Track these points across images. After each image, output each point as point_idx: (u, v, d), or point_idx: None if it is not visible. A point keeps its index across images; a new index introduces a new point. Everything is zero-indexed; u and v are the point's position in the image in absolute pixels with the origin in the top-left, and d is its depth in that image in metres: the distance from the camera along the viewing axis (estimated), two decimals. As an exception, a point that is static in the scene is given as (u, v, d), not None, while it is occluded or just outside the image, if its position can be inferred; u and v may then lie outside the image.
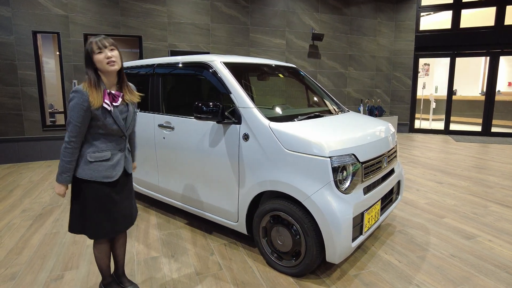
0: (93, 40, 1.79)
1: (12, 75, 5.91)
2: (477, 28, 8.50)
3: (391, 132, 2.90)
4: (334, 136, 2.27)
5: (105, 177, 1.86)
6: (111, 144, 1.89)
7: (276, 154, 2.29)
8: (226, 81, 2.61)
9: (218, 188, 2.72)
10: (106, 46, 1.78)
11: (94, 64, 1.79)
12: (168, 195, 3.25)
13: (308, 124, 2.45)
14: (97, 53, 1.77)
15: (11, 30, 5.79)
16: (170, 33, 6.89)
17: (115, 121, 1.85)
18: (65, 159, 1.78)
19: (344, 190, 2.18)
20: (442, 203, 3.87)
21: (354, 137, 2.37)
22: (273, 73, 3.33)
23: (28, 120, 6.11)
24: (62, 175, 1.80)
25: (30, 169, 5.64)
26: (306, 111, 2.99)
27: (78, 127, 1.76)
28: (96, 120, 1.79)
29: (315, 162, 2.13)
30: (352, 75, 8.79)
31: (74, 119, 1.74)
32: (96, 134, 1.84)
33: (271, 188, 2.33)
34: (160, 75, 3.19)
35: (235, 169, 2.55)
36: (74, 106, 1.74)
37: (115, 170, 1.90)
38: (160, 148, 3.19)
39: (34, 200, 4.10)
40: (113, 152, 1.90)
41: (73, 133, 1.76)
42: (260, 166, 2.38)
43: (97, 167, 1.84)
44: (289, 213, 2.27)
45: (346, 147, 2.22)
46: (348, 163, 2.19)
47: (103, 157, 1.86)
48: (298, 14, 7.95)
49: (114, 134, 1.88)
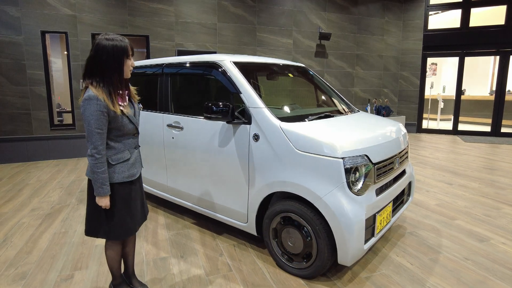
0: (127, 43, 1.76)
1: (21, 75, 5.94)
2: (487, 27, 8.38)
3: (403, 133, 2.86)
4: (347, 136, 2.24)
5: (130, 176, 1.88)
6: (127, 143, 1.89)
7: (287, 155, 2.26)
8: (236, 81, 2.59)
9: (227, 188, 2.70)
10: (133, 53, 1.80)
11: (123, 66, 1.76)
12: (177, 195, 3.24)
13: (320, 125, 2.42)
14: (129, 58, 1.77)
15: (20, 30, 5.83)
16: (177, 33, 6.89)
17: (130, 120, 1.85)
18: (99, 170, 1.73)
19: (356, 191, 2.15)
20: (453, 205, 3.81)
21: (366, 137, 2.33)
22: (282, 72, 3.30)
23: (37, 120, 6.15)
24: (103, 187, 1.75)
25: (38, 168, 5.67)
26: (316, 111, 2.96)
27: (101, 133, 1.73)
28: (113, 122, 1.78)
29: (327, 163, 2.10)
30: (360, 75, 8.73)
31: (96, 127, 1.69)
32: (113, 136, 1.82)
33: (282, 189, 2.30)
34: (169, 74, 3.18)
35: (244, 169, 2.52)
36: (92, 114, 1.68)
37: (135, 168, 1.93)
38: (168, 148, 3.18)
39: (42, 199, 4.12)
40: (130, 150, 1.91)
41: (99, 141, 1.72)
42: (271, 167, 2.35)
43: (121, 168, 1.84)
44: (300, 214, 2.24)
45: (358, 148, 2.19)
46: (361, 164, 2.16)
47: (123, 158, 1.86)
48: (306, 13, 7.91)
49: (129, 133, 1.87)
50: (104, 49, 1.71)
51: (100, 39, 1.74)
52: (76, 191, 4.44)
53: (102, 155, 1.74)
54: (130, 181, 1.89)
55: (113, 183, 1.82)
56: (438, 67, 12.88)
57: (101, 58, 1.71)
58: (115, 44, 1.73)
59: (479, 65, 12.25)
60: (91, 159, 1.73)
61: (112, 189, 1.82)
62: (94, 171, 1.73)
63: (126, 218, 1.89)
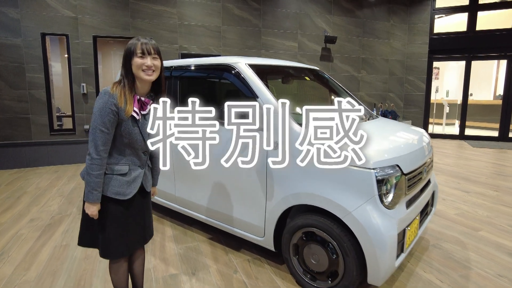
0: (140, 41, 1.61)
1: (20, 78, 5.76)
2: (494, 30, 8.27)
3: (428, 140, 2.69)
4: (377, 145, 2.07)
5: (117, 193, 1.66)
6: (131, 158, 1.70)
7: (311, 165, 2.08)
8: (252, 84, 2.42)
9: (242, 199, 2.52)
10: (150, 53, 1.62)
11: (132, 66, 1.61)
12: (185, 205, 3.05)
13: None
14: (138, 57, 1.60)
15: (19, 32, 5.65)
16: (181, 36, 6.73)
17: (141, 132, 1.67)
18: (93, 172, 1.56)
19: (388, 204, 1.97)
20: (474, 214, 3.64)
21: (396, 146, 2.16)
22: (298, 75, 3.14)
23: (36, 124, 5.95)
24: (93, 192, 1.57)
25: (37, 175, 5.46)
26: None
27: (105, 133, 1.56)
28: (121, 126, 1.60)
29: (358, 174, 1.93)
30: (365, 79, 8.59)
31: (101, 124, 1.54)
32: (118, 143, 1.65)
33: (305, 202, 2.12)
34: (178, 78, 3.00)
35: (262, 179, 2.34)
36: (100, 109, 1.55)
37: (130, 188, 1.70)
38: (177, 155, 2.99)
39: (42, 208, 3.92)
40: (132, 167, 1.71)
41: (100, 141, 1.55)
42: (292, 177, 2.17)
43: (110, 181, 1.64)
44: (325, 230, 2.06)
45: (390, 158, 2.01)
46: (393, 175, 1.99)
47: (119, 171, 1.66)
48: (311, 16, 7.77)
49: (136, 147, 1.69)
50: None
51: None
52: (76, 199, 4.24)
53: (100, 157, 1.57)
54: (122, 200, 1.67)
55: (103, 195, 1.64)
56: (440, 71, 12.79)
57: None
58: (128, 45, 1.63)
59: (482, 69, 12.15)
60: (88, 158, 1.57)
61: (102, 202, 1.63)
62: (88, 172, 1.57)
63: (115, 238, 1.69)
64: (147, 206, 1.88)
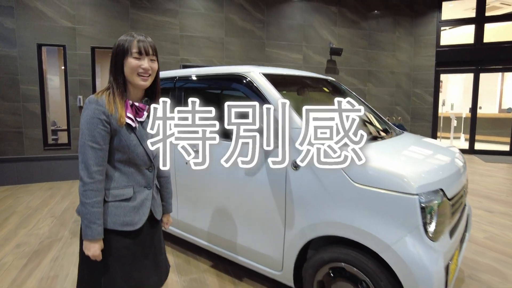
0: (135, 38, 1.33)
1: (14, 90, 5.48)
2: (502, 42, 8.11)
3: (464, 159, 2.40)
4: (417, 166, 1.77)
5: (125, 224, 1.35)
6: (134, 177, 1.38)
7: (340, 189, 1.78)
8: (268, 96, 2.14)
9: (256, 227, 2.20)
10: (148, 53, 1.34)
11: (124, 68, 1.33)
12: (190, 231, 2.73)
13: (376, 150, 1.95)
14: (134, 57, 1.32)
15: (14, 43, 5.41)
16: (182, 47, 6.51)
17: (140, 141, 1.37)
18: (88, 201, 1.25)
19: (433, 236, 1.66)
20: (504, 238, 3.31)
21: (437, 167, 1.87)
22: (315, 86, 2.87)
23: (29, 138, 5.64)
24: (91, 226, 1.26)
25: (28, 192, 5.13)
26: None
27: (96, 150, 1.26)
28: (115, 139, 1.31)
29: (398, 200, 1.62)
30: (371, 92, 8.37)
31: (90, 139, 1.25)
32: (115, 161, 1.34)
33: (333, 233, 1.81)
34: (183, 89, 2.73)
35: (280, 204, 2.03)
36: (87, 121, 1.26)
37: (139, 214, 1.38)
38: (180, 175, 2.69)
39: (30, 231, 3.58)
40: (137, 189, 1.39)
41: (92, 160, 1.25)
42: (317, 203, 1.87)
43: (113, 210, 1.33)
44: (358, 265, 1.74)
45: (433, 181, 1.72)
46: (437, 201, 1.68)
47: (123, 196, 1.35)
48: (315, 28, 7.60)
49: (138, 162, 1.38)
50: (113, 48, 1.35)
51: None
52: (69, 220, 3.90)
53: (94, 179, 1.26)
54: (129, 232, 1.36)
55: (105, 228, 1.32)
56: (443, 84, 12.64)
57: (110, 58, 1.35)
58: (119, 42, 1.34)
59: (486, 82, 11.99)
60: (80, 185, 1.26)
61: (104, 237, 1.31)
62: (82, 202, 1.26)
63: (123, 280, 1.37)
64: (159, 239, 1.56)
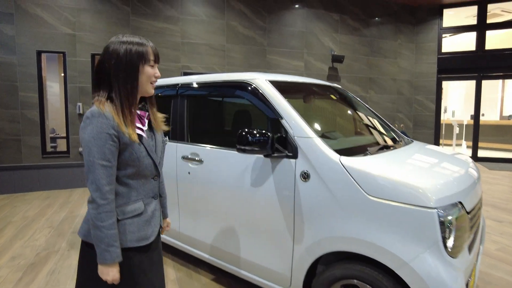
0: (149, 44, 1.28)
1: (12, 97, 5.40)
2: (504, 49, 8.08)
3: (478, 170, 2.32)
4: (434, 178, 1.68)
5: (140, 239, 1.28)
6: (142, 190, 1.30)
7: (352, 202, 1.69)
8: (275, 104, 2.06)
9: (262, 241, 2.10)
10: (159, 60, 1.31)
11: (137, 75, 1.24)
12: (192, 244, 2.62)
13: (390, 160, 1.86)
14: (150, 65, 1.27)
15: (14, 50, 5.35)
16: (184, 54, 6.46)
17: (148, 152, 1.29)
18: (104, 224, 1.15)
19: (452, 252, 1.57)
20: (516, 250, 3.22)
21: (455, 178, 1.78)
22: (322, 93, 2.79)
23: (27, 146, 5.55)
24: (110, 249, 1.16)
25: (25, 202, 5.01)
26: (370, 141, 2.42)
27: (107, 167, 1.17)
28: (125, 154, 1.22)
29: (415, 214, 1.53)
30: (373, 99, 8.31)
31: (100, 157, 1.15)
32: (123, 176, 1.25)
33: (345, 249, 1.71)
34: (185, 97, 2.65)
35: (288, 218, 1.94)
36: (94, 137, 1.15)
37: (151, 226, 1.33)
38: (183, 186, 2.60)
39: (26, 242, 3.46)
40: (146, 201, 1.32)
41: (104, 179, 1.15)
42: (328, 217, 1.77)
43: (128, 227, 1.25)
44: (372, 282, 1.64)
45: (451, 194, 1.62)
46: (456, 215, 1.59)
47: (135, 211, 1.27)
48: (317, 35, 7.57)
49: (146, 173, 1.30)
50: (114, 51, 1.21)
51: (111, 41, 1.25)
52: (67, 231, 3.79)
53: (108, 200, 1.16)
54: (141, 247, 1.29)
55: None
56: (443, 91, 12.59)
57: (110, 63, 1.21)
58: (129, 47, 1.23)
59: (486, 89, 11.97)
60: (92, 207, 1.16)
61: None
62: (97, 226, 1.15)
63: None
64: (160, 248, 1.48)
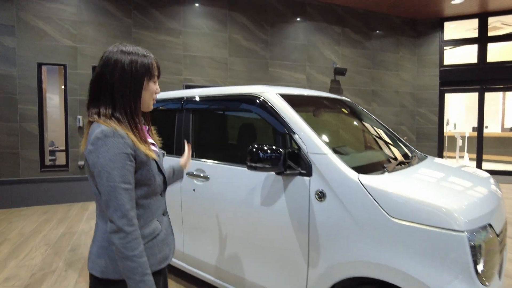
0: (152, 58, 1.20)
1: (11, 110, 5.31)
2: (506, 62, 8.08)
3: (499, 187, 2.21)
4: (462, 198, 1.58)
5: (161, 260, 1.21)
6: (155, 208, 1.22)
7: (373, 224, 1.57)
8: (287, 118, 1.96)
9: (273, 264, 1.97)
10: (160, 75, 1.25)
11: (141, 91, 1.17)
12: (196, 265, 2.48)
13: (412, 179, 1.76)
14: (153, 81, 1.21)
15: (14, 62, 5.29)
16: (186, 67, 6.41)
17: (159, 167, 1.22)
18: (135, 252, 1.03)
19: (484, 278, 1.44)
20: (535, 270, 3.08)
21: (482, 198, 1.67)
22: (333, 107, 2.70)
23: (25, 160, 5.43)
24: (145, 278, 1.04)
25: (22, 217, 4.86)
26: (381, 157, 2.31)
27: (130, 191, 1.06)
28: (141, 172, 1.13)
29: (443, 238, 1.41)
30: (376, 111, 8.25)
31: (122, 180, 1.04)
32: (138, 197, 1.15)
33: (365, 274, 1.59)
34: (191, 111, 2.55)
35: (302, 239, 1.82)
36: (112, 160, 1.03)
37: (168, 245, 1.26)
38: (187, 204, 2.48)
39: (22, 261, 3.31)
40: (159, 219, 1.24)
41: (128, 204, 1.04)
42: (346, 240, 1.65)
43: (150, 250, 1.16)
44: (396, 313, 1.51)
45: (480, 215, 1.51)
46: (486, 238, 1.48)
47: (154, 232, 1.19)
48: (319, 48, 7.56)
49: (158, 190, 1.22)
50: (117, 63, 1.12)
51: (111, 51, 1.14)
52: (65, 249, 3.64)
53: (135, 225, 1.05)
54: (162, 268, 1.25)
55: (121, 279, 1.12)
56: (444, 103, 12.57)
57: (113, 75, 1.11)
58: (134, 59, 1.14)
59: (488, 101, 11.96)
60: (119, 237, 1.02)
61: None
62: (127, 256, 1.02)
63: None
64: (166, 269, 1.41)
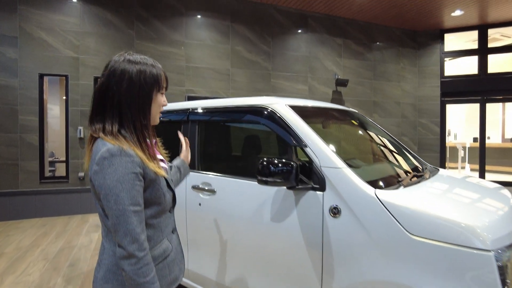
0: (161, 69, 1.15)
1: (12, 121, 5.26)
2: (507, 73, 8.11)
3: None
4: (485, 215, 1.51)
5: (172, 282, 1.15)
6: (164, 225, 1.16)
7: (393, 242, 1.50)
8: (297, 131, 1.90)
9: (283, 283, 1.88)
10: (167, 87, 1.19)
11: (151, 103, 1.11)
12: (201, 282, 2.39)
13: (430, 194, 1.69)
14: (161, 93, 1.15)
15: (16, 73, 5.26)
16: (188, 78, 6.39)
17: (169, 184, 1.16)
18: (148, 278, 0.98)
19: (511, 302, 1.37)
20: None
21: (505, 215, 1.60)
22: (343, 119, 2.65)
23: (25, 171, 5.34)
24: None
25: (20, 230, 4.75)
26: (393, 170, 2.25)
27: (139, 213, 1.00)
28: (150, 191, 1.07)
29: (469, 257, 1.34)
30: (377, 122, 8.22)
31: (132, 202, 0.97)
32: (148, 218, 1.09)
33: (385, 295, 1.51)
34: (197, 122, 2.50)
35: (315, 257, 1.74)
36: (120, 180, 0.96)
37: (178, 265, 1.19)
38: (192, 218, 2.40)
39: (18, 278, 3.20)
40: (169, 237, 1.18)
41: (139, 227, 0.98)
42: (363, 258, 1.57)
43: (161, 272, 1.10)
44: (418, 337, 1.43)
45: (506, 233, 1.44)
46: None
47: (165, 253, 1.13)
48: (320, 59, 7.57)
49: (167, 208, 1.16)
50: (124, 73, 1.05)
51: (117, 60, 1.07)
52: (63, 264, 3.53)
53: (146, 250, 0.99)
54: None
55: None
56: (446, 114, 12.58)
57: (120, 87, 1.04)
58: (143, 69, 1.08)
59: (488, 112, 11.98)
60: (130, 263, 0.95)
61: None
62: (140, 283, 0.95)
63: None
64: None
